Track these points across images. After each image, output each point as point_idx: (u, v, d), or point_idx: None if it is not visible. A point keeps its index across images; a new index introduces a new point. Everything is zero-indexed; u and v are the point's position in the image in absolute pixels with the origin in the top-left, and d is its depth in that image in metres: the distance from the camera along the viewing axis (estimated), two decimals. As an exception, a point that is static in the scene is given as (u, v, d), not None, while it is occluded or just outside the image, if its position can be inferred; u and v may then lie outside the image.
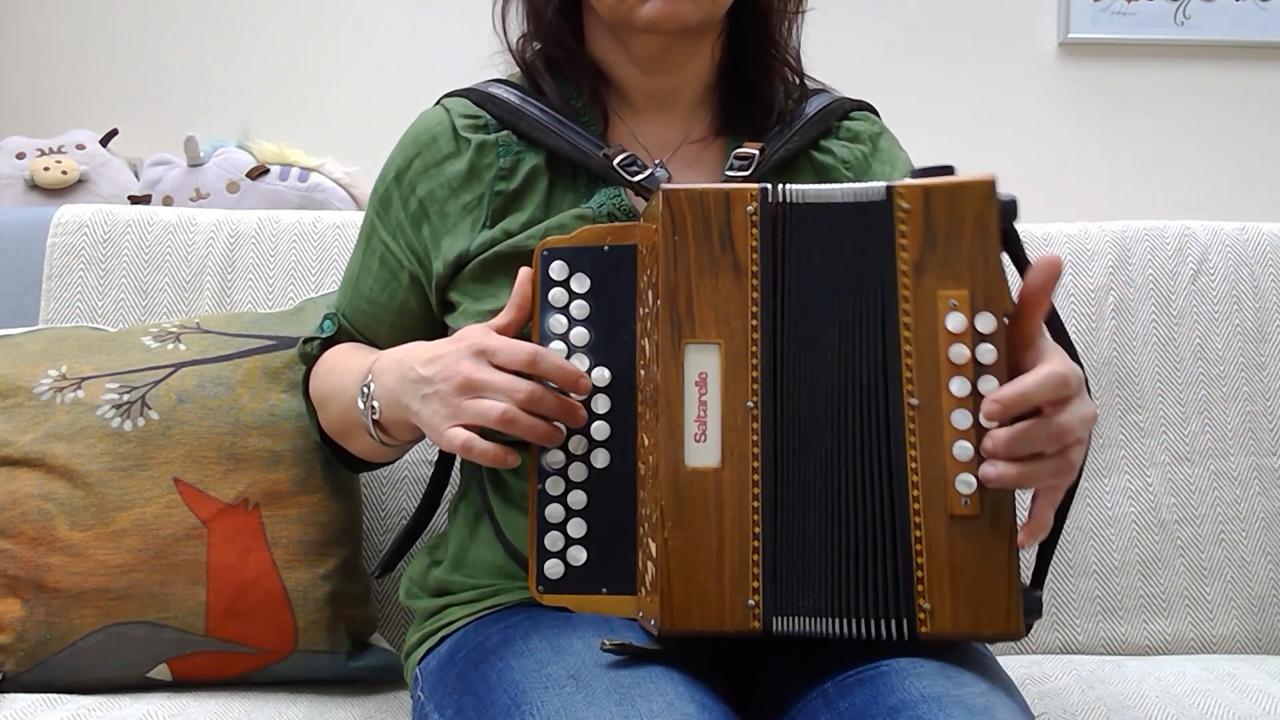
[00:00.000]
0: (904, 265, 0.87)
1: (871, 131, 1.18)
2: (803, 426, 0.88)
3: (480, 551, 1.07)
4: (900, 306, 0.87)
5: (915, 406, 0.86)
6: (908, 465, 0.86)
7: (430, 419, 0.95)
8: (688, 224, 0.88)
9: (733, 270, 0.88)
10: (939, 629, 0.86)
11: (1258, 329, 1.53)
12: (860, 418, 0.87)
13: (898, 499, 0.86)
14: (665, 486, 0.86)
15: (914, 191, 0.87)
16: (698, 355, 0.87)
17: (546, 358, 0.91)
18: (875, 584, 0.87)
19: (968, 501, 0.85)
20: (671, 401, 0.87)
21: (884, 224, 0.88)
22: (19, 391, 1.26)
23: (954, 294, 0.86)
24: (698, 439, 0.87)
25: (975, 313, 0.86)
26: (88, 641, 1.20)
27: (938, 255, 0.87)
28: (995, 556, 0.86)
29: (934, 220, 0.87)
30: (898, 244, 0.87)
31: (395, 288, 1.13)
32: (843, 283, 0.88)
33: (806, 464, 0.88)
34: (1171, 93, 2.61)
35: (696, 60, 1.12)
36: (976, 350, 0.86)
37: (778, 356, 0.88)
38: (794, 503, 0.88)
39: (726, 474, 0.87)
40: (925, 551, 0.86)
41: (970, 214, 0.87)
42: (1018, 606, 0.86)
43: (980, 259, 0.87)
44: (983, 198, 0.87)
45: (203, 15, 2.54)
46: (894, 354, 0.87)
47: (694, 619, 0.86)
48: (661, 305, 0.88)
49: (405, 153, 1.12)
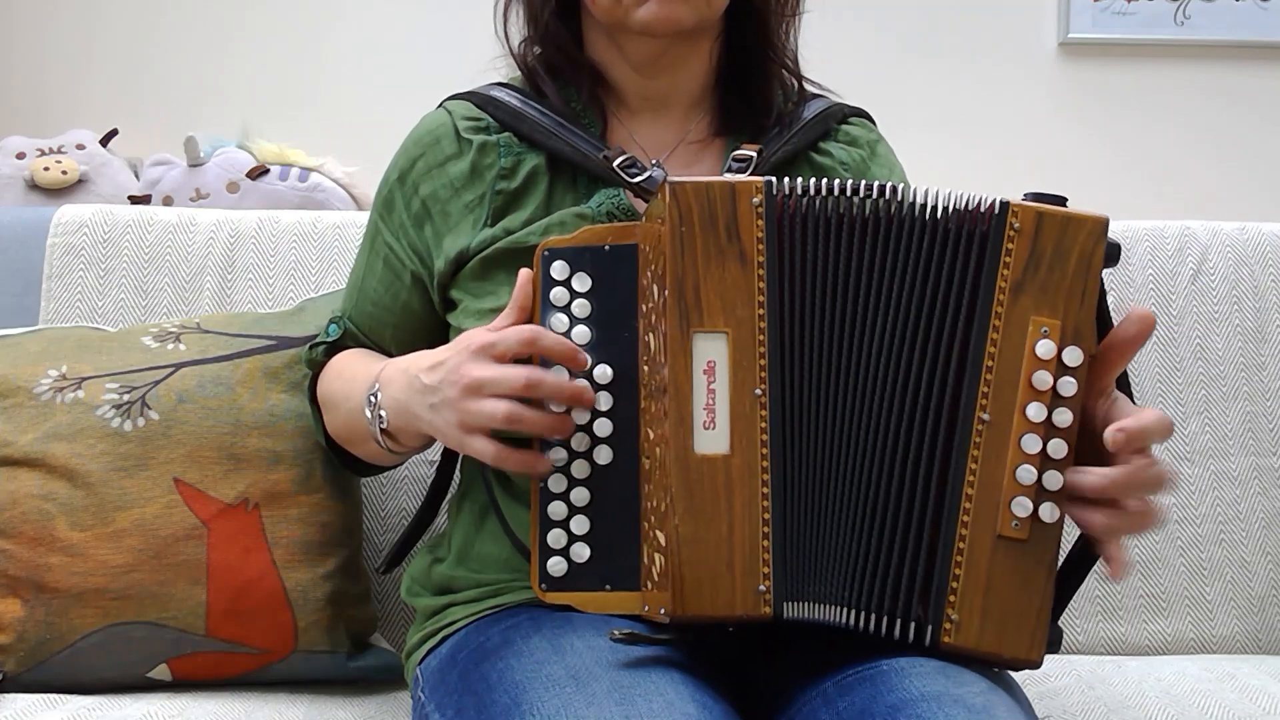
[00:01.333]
0: (1003, 283, 0.88)
1: (869, 138, 1.18)
2: (820, 415, 0.88)
3: (486, 546, 1.08)
4: (991, 322, 0.88)
5: (986, 422, 0.87)
6: (965, 477, 0.87)
7: (444, 428, 0.95)
8: (694, 215, 0.88)
9: (739, 260, 0.88)
10: (962, 642, 0.86)
11: (1258, 329, 1.53)
12: (910, 420, 0.88)
13: (948, 508, 0.87)
14: (675, 473, 0.87)
15: (1029, 213, 0.88)
16: (706, 344, 0.88)
17: (545, 335, 0.92)
18: (902, 584, 0.87)
19: (1019, 525, 0.86)
20: (680, 389, 0.87)
21: (992, 238, 0.88)
22: (19, 391, 1.26)
23: (1047, 321, 0.87)
24: (707, 426, 0.87)
25: (1065, 344, 0.87)
26: (88, 641, 1.20)
27: (1039, 281, 0.88)
28: (1033, 584, 0.87)
29: (1041, 245, 0.88)
30: (1003, 260, 0.88)
31: (398, 288, 1.13)
32: (909, 285, 0.89)
33: (823, 452, 0.88)
34: (1171, 93, 2.61)
35: (693, 63, 1.13)
36: (1059, 381, 0.87)
37: (785, 345, 0.88)
38: (807, 490, 0.88)
39: (736, 460, 0.87)
40: (965, 564, 0.86)
41: (1077, 248, 0.88)
42: (1043, 638, 0.87)
43: (1079, 294, 0.88)
44: (1093, 235, 0.88)
45: (203, 16, 2.54)
46: (975, 366, 0.88)
47: (705, 605, 0.86)
48: (669, 295, 0.88)
49: (408, 154, 1.12)
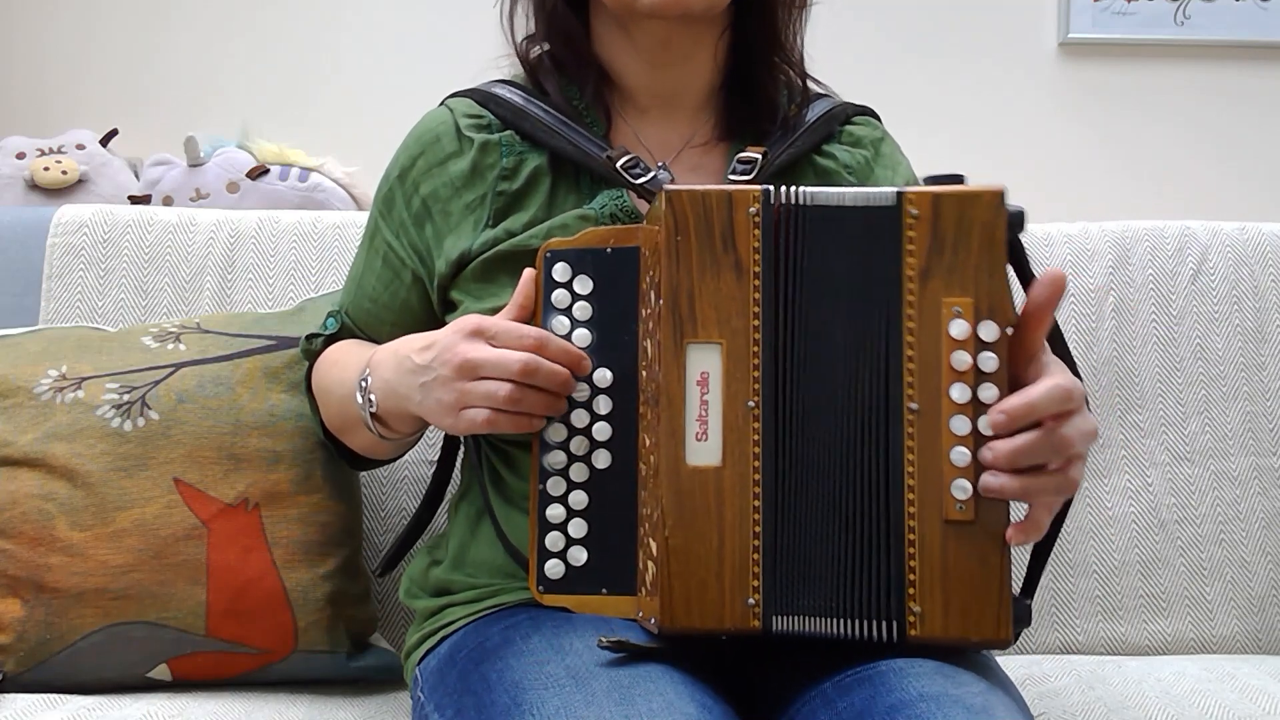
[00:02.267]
0: (910, 271, 0.88)
1: (873, 137, 1.18)
2: (805, 427, 0.88)
3: (481, 551, 1.07)
4: (905, 311, 0.87)
5: (915, 411, 0.87)
6: (905, 469, 0.87)
7: (435, 407, 0.95)
8: (690, 224, 0.88)
9: (734, 270, 0.88)
10: (928, 632, 0.86)
11: (1258, 329, 1.53)
12: (861, 420, 0.88)
13: (894, 502, 0.87)
14: (666, 485, 0.87)
15: (924, 198, 0.88)
16: (699, 355, 0.88)
17: (552, 341, 0.92)
18: (870, 585, 0.87)
19: (963, 507, 0.86)
20: (673, 401, 0.87)
21: (892, 229, 0.88)
22: (19, 391, 1.26)
23: (959, 301, 0.87)
24: (699, 438, 0.87)
25: (979, 321, 0.87)
26: (88, 641, 1.20)
27: (944, 262, 0.87)
28: (988, 563, 0.86)
29: (942, 228, 0.88)
30: (905, 249, 0.88)
31: (397, 287, 1.13)
32: (848, 285, 0.89)
33: (808, 464, 0.88)
34: (1171, 93, 2.61)
35: (700, 55, 1.12)
36: (979, 358, 0.86)
37: (779, 356, 0.88)
38: (795, 502, 0.88)
39: (727, 473, 0.87)
40: (919, 555, 0.86)
41: (978, 223, 0.87)
42: (1008, 614, 0.86)
43: (986, 268, 0.87)
44: (992, 208, 0.87)
45: (203, 16, 2.54)
46: (896, 358, 0.87)
47: (694, 618, 0.86)
48: (663, 305, 0.88)
49: (409, 152, 1.12)
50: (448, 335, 0.94)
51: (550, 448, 0.94)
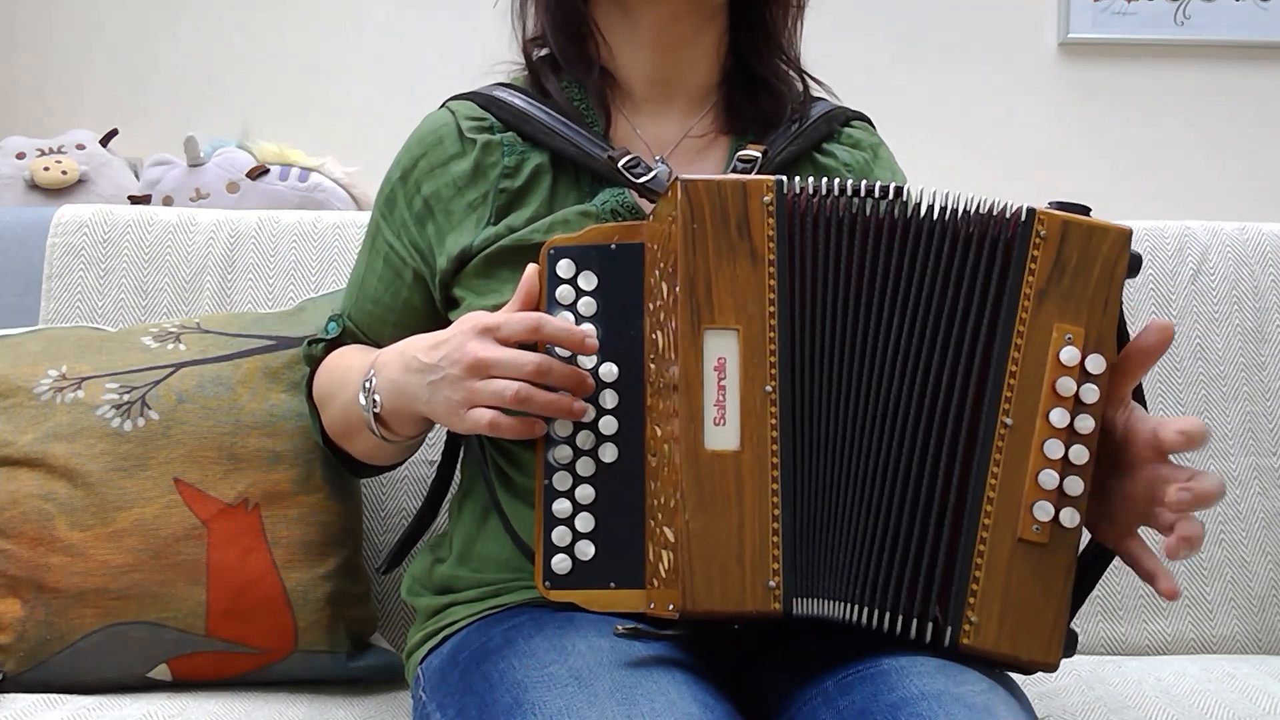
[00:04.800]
0: (1028, 289, 0.89)
1: (871, 141, 1.19)
2: (829, 413, 0.89)
3: (488, 546, 1.08)
4: (1016, 328, 0.88)
5: (1009, 426, 0.88)
6: (987, 481, 0.87)
7: (443, 406, 0.95)
8: (706, 212, 0.89)
9: (750, 258, 0.88)
10: (981, 644, 0.87)
11: (1258, 329, 1.53)
12: (929, 422, 0.89)
13: (969, 511, 0.87)
14: (685, 469, 0.87)
15: (1055, 221, 0.89)
16: (717, 340, 0.88)
17: (550, 322, 0.92)
18: (920, 585, 0.87)
19: (1039, 529, 0.87)
20: (691, 385, 0.87)
21: (1018, 245, 0.89)
22: (19, 391, 1.26)
23: (1071, 329, 0.88)
24: (717, 422, 0.87)
25: (1088, 352, 0.88)
26: (88, 641, 1.20)
27: (1063, 289, 0.89)
28: (1052, 587, 0.87)
29: (1066, 254, 0.89)
30: (1028, 267, 0.89)
31: (399, 286, 1.13)
32: (929, 288, 0.89)
33: (834, 450, 0.88)
34: (1171, 93, 2.61)
35: (700, 46, 1.13)
36: (1082, 388, 0.88)
37: (795, 342, 0.89)
38: (818, 487, 0.88)
39: (746, 457, 0.87)
40: (985, 567, 0.87)
41: (1101, 257, 0.89)
42: (1060, 640, 0.88)
43: (1102, 302, 0.89)
44: (1118, 245, 0.89)
45: (203, 16, 2.54)
46: (998, 372, 0.88)
47: (715, 600, 0.86)
48: (680, 291, 0.88)
49: (410, 153, 1.12)
50: (456, 335, 0.94)
51: (556, 442, 0.94)
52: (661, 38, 1.11)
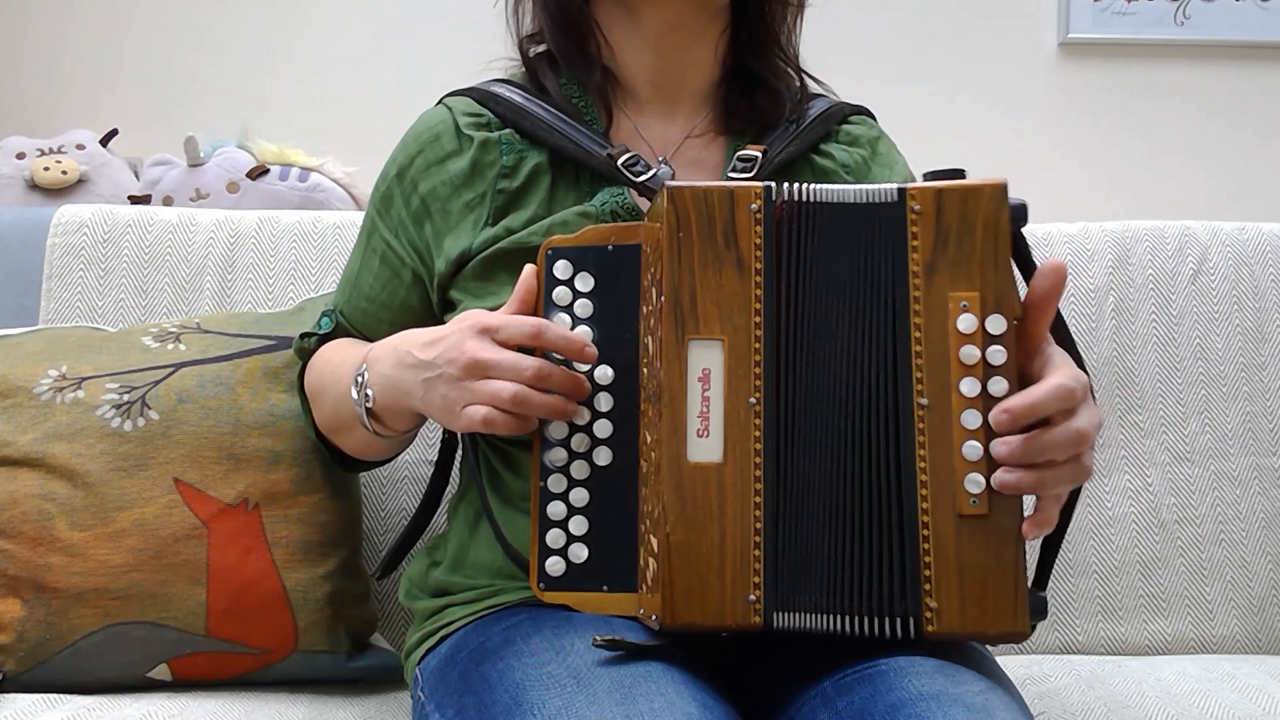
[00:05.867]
0: (915, 266, 0.88)
1: (870, 136, 1.18)
2: (808, 423, 0.88)
3: (479, 552, 1.07)
4: (911, 307, 0.87)
5: (925, 406, 0.87)
6: (916, 464, 0.87)
7: (439, 404, 0.94)
8: (692, 221, 0.88)
9: (736, 267, 0.88)
10: (946, 628, 0.86)
11: (1258, 329, 1.53)
12: (868, 416, 0.88)
13: (906, 498, 0.87)
14: (667, 481, 0.87)
15: (926, 193, 0.88)
16: (701, 351, 0.88)
17: (551, 329, 0.92)
18: (880, 582, 0.87)
19: (976, 501, 0.86)
20: (674, 397, 0.87)
21: (896, 225, 0.88)
22: (19, 391, 1.26)
23: (965, 295, 0.87)
24: (700, 434, 0.87)
25: (986, 314, 0.87)
26: (88, 641, 1.20)
27: (949, 257, 0.87)
28: (1003, 556, 0.86)
29: (946, 222, 0.88)
30: (909, 245, 0.88)
31: (397, 285, 1.13)
32: (851, 282, 0.89)
33: (811, 461, 0.88)
34: (1171, 93, 2.61)
35: (702, 47, 1.12)
36: (987, 351, 0.87)
37: (780, 353, 0.88)
38: (797, 499, 0.88)
39: (729, 469, 0.87)
40: (933, 550, 0.86)
41: (981, 217, 0.87)
42: (1024, 606, 0.86)
43: (991, 261, 0.87)
44: (994, 201, 0.88)
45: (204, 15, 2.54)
46: (904, 354, 0.87)
47: (695, 614, 0.86)
48: (665, 301, 0.88)
49: (407, 150, 1.12)
50: (453, 333, 0.94)
51: (551, 445, 0.94)
52: (666, 39, 1.11)
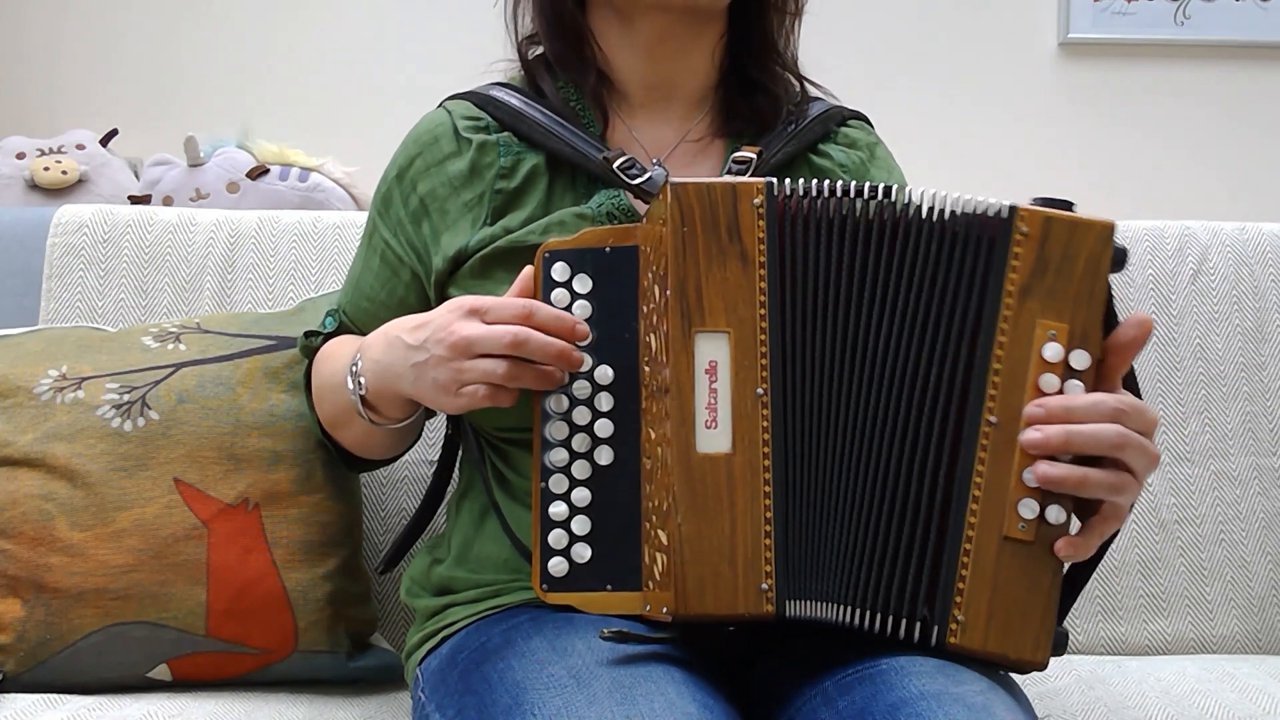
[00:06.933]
0: (1010, 286, 0.88)
1: (868, 141, 1.19)
2: (818, 414, 0.88)
3: (486, 547, 1.08)
4: (999, 325, 0.88)
5: (993, 424, 0.87)
6: (972, 479, 0.87)
7: (428, 386, 0.95)
8: (695, 216, 0.88)
9: (740, 260, 0.88)
10: (968, 643, 0.86)
11: (1258, 329, 1.53)
12: (917, 421, 0.88)
13: (954, 509, 0.87)
14: (677, 472, 0.87)
15: (1036, 217, 0.88)
16: (707, 343, 0.88)
17: (542, 308, 0.92)
18: (908, 585, 0.87)
19: (1025, 526, 0.86)
20: (682, 389, 0.87)
21: (999, 241, 0.88)
22: (19, 391, 1.26)
23: (1054, 325, 0.88)
24: (708, 425, 0.87)
25: (1071, 347, 0.87)
26: (88, 641, 1.20)
27: (1045, 284, 0.88)
28: (1038, 585, 0.87)
29: (1049, 249, 0.88)
30: (1009, 264, 0.88)
31: (395, 284, 1.13)
32: (910, 288, 0.89)
33: (826, 452, 0.88)
34: (1171, 93, 2.61)
35: (698, 52, 1.13)
36: (1066, 384, 0.87)
37: (786, 345, 0.89)
38: (810, 489, 0.88)
39: (738, 459, 0.87)
40: (971, 565, 0.86)
41: (1085, 252, 0.88)
42: (1048, 640, 0.87)
43: (1085, 297, 0.88)
44: (1100, 240, 0.88)
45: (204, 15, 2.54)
46: (981, 369, 0.88)
47: (708, 603, 0.86)
48: (671, 295, 0.88)
49: (407, 152, 1.13)
50: (441, 315, 0.94)
51: (552, 445, 0.94)
52: (659, 47, 1.11)
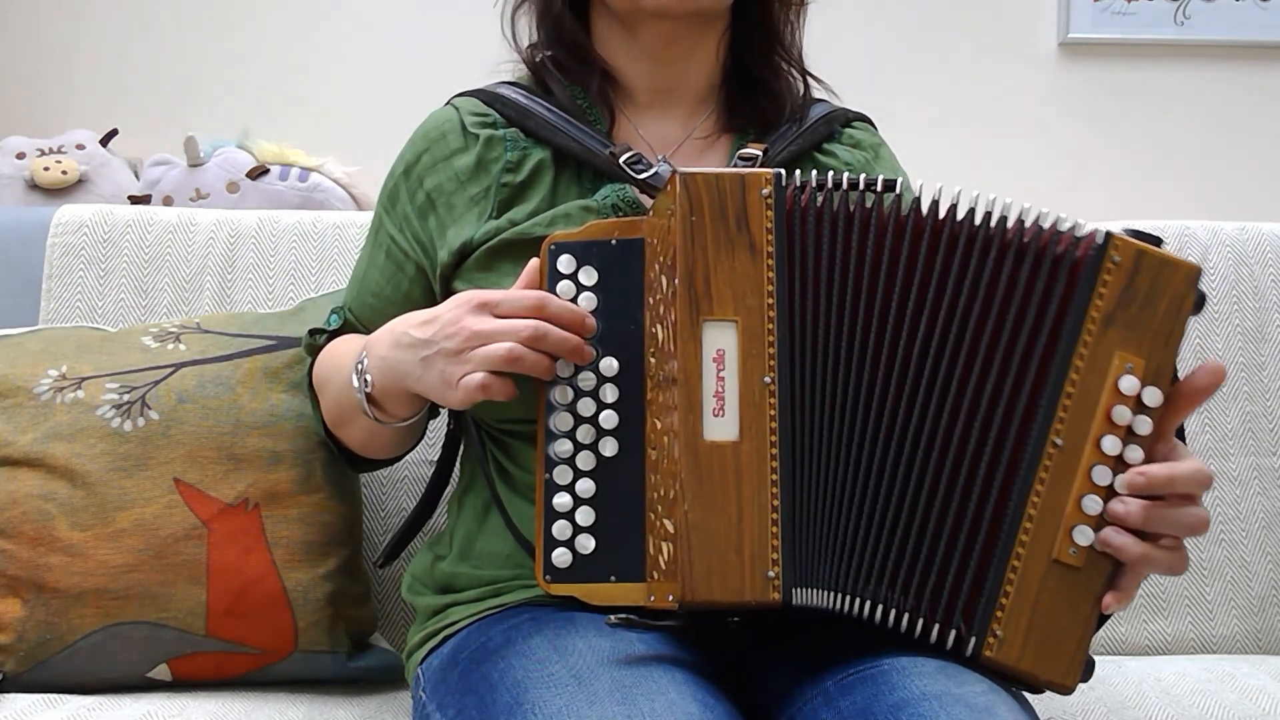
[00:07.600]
0: (1095, 313, 0.88)
1: (873, 142, 1.19)
2: (826, 405, 0.89)
3: (489, 542, 1.08)
4: (1078, 349, 0.88)
5: (1059, 447, 0.88)
6: (1029, 498, 0.87)
7: (436, 381, 0.94)
8: (704, 205, 0.89)
9: (749, 250, 0.89)
10: (1003, 658, 0.87)
11: (1258, 329, 1.53)
12: (969, 429, 0.88)
13: (1007, 526, 0.87)
14: (684, 460, 0.87)
15: (1129, 248, 0.89)
16: (715, 332, 0.88)
17: (553, 301, 0.92)
18: (944, 592, 0.88)
19: (1075, 552, 0.87)
20: (690, 377, 0.88)
21: (1090, 265, 0.89)
22: (19, 391, 1.26)
23: (1133, 358, 0.88)
24: (716, 414, 0.88)
25: (1146, 383, 0.88)
26: (88, 641, 1.20)
27: (1129, 317, 0.89)
28: (1078, 611, 0.87)
29: (1137, 283, 0.89)
30: (1097, 290, 0.89)
31: (400, 279, 1.13)
32: (965, 294, 0.89)
33: (835, 442, 0.89)
34: (1171, 93, 2.61)
35: (701, 54, 1.13)
36: (1136, 418, 0.88)
37: (794, 334, 0.89)
38: (818, 478, 0.88)
39: (745, 447, 0.87)
40: (1016, 583, 0.87)
41: (1170, 291, 0.89)
42: (1079, 666, 0.88)
43: (1164, 336, 0.89)
44: (1187, 282, 0.89)
45: (203, 15, 2.54)
46: (1053, 391, 0.88)
47: (714, 590, 0.86)
48: (679, 284, 0.88)
49: (414, 148, 1.13)
50: (450, 310, 0.94)
51: (556, 436, 0.94)
52: (664, 52, 1.12)
